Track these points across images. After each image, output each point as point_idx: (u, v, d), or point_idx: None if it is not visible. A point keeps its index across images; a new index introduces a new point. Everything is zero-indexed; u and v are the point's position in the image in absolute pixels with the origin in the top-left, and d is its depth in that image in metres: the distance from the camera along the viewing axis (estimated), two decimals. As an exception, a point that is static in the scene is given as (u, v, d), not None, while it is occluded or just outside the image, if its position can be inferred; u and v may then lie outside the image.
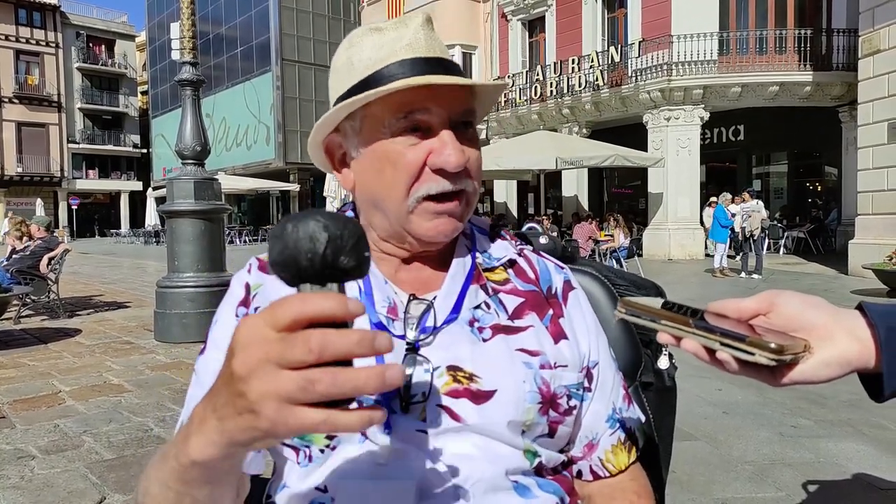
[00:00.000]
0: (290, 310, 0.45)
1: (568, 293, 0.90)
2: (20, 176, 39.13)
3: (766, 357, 0.57)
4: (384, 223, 0.82)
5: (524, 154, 14.61)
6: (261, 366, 0.45)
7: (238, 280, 0.85)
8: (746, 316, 0.64)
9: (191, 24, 6.47)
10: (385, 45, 0.80)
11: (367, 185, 0.82)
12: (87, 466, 3.10)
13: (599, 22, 18.50)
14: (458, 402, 0.76)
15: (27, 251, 8.07)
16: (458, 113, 0.79)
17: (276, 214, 35.87)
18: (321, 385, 0.44)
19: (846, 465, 3.12)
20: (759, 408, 4.04)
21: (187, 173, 6.36)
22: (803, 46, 15.26)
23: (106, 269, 16.21)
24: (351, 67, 0.81)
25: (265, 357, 0.45)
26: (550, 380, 0.81)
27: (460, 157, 0.77)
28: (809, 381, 0.61)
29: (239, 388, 0.46)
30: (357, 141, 0.81)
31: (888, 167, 11.37)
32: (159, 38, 39.49)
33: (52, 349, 5.96)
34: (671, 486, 2.86)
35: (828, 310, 0.63)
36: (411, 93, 0.75)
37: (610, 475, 0.87)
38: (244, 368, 0.46)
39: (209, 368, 0.78)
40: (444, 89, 0.76)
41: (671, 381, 1.08)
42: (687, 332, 0.61)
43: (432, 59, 0.79)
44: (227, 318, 0.82)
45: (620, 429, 0.88)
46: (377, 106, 0.77)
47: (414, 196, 0.78)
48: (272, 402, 0.45)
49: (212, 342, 0.81)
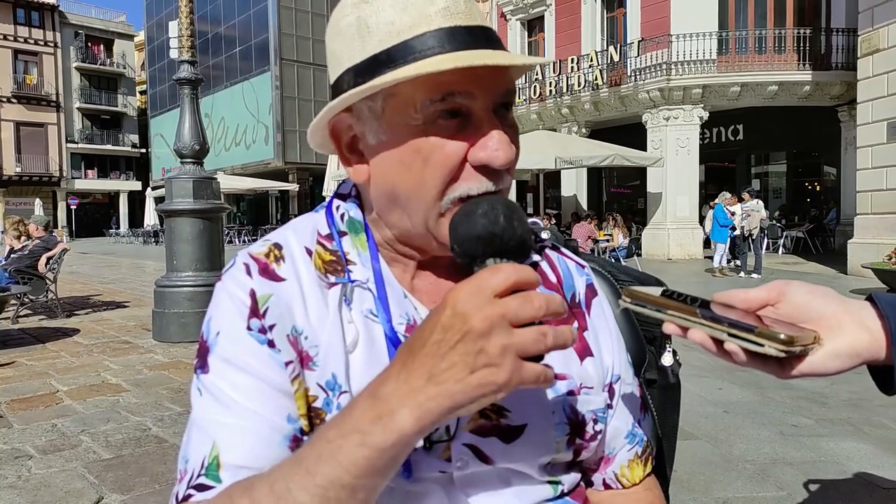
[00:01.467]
0: (509, 277, 0.50)
1: (591, 300, 0.83)
2: (19, 176, 39.10)
3: (775, 348, 0.55)
4: (404, 223, 0.70)
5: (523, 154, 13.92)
6: (500, 322, 0.49)
7: (237, 284, 0.69)
8: (754, 306, 0.63)
9: (189, 23, 6.46)
10: (412, 6, 0.65)
11: (389, 180, 0.68)
12: (85, 466, 3.09)
13: (598, 21, 18.52)
14: (486, 440, 0.69)
15: (25, 251, 8.05)
16: (501, 94, 0.67)
17: (275, 214, 35.88)
18: (549, 338, 0.50)
19: (847, 464, 3.11)
20: (760, 407, 4.03)
21: (186, 172, 6.35)
22: (802, 46, 15.28)
23: (104, 269, 16.20)
24: (366, 31, 0.66)
25: (502, 315, 0.49)
26: (578, 406, 0.75)
27: (509, 152, 0.65)
28: (819, 374, 0.60)
29: (479, 345, 0.49)
30: (377, 125, 0.67)
31: (887, 167, 11.37)
32: (158, 38, 39.47)
33: (50, 349, 5.95)
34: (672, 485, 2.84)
35: (837, 300, 0.62)
36: (452, 72, 0.61)
37: (623, 488, 0.82)
38: (485, 324, 0.49)
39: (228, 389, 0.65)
40: (491, 68, 0.63)
41: (675, 378, 1.06)
42: (694, 322, 0.59)
43: (475, 28, 0.65)
44: (235, 330, 0.67)
45: (638, 444, 0.83)
46: (407, 84, 0.63)
47: (449, 197, 0.66)
48: (512, 355, 0.49)
49: (220, 360, 0.66)
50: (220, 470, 0.62)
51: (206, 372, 0.67)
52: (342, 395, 0.66)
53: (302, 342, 0.67)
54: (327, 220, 0.76)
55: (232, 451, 0.62)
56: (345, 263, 0.72)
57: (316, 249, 0.72)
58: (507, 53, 0.65)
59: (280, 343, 0.66)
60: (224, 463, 0.62)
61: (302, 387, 0.66)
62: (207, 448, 0.63)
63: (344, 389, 0.67)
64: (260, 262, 0.70)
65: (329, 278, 0.71)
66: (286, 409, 0.65)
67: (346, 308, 0.69)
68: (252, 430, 0.63)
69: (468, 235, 0.57)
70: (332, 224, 0.75)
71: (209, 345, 0.68)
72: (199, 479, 0.62)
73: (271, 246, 0.72)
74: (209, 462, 0.62)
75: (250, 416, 0.63)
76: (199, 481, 0.62)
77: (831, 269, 12.52)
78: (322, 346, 0.67)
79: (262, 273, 0.69)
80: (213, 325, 0.69)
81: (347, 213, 0.76)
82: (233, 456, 0.62)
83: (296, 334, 0.67)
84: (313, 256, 0.72)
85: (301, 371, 0.67)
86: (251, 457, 0.62)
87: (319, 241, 0.73)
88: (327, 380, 0.67)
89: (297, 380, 0.66)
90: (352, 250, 0.73)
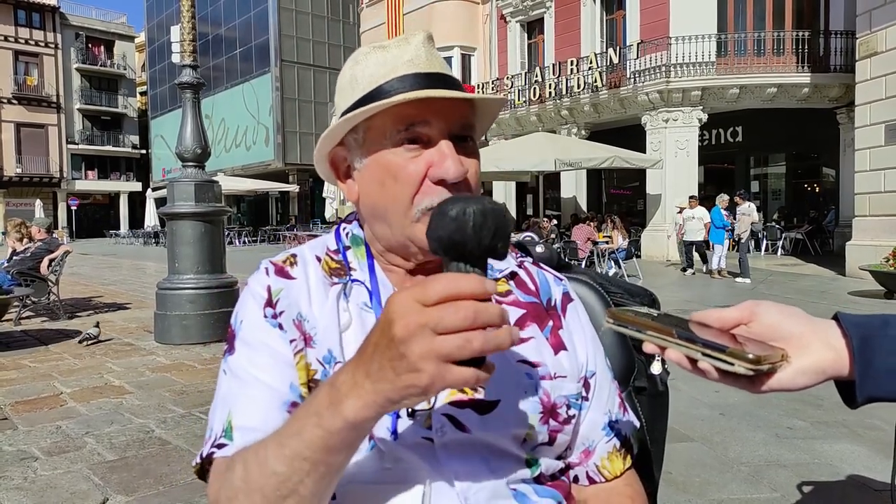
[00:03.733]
0: (442, 288, 0.53)
1: (567, 305, 0.93)
2: (19, 177, 39.11)
3: (744, 367, 0.60)
4: (387, 234, 0.84)
5: (523, 155, 14.62)
6: (420, 330, 0.53)
7: (257, 282, 0.86)
8: (728, 326, 0.67)
9: (191, 28, 6.50)
10: (388, 62, 0.83)
11: (370, 197, 0.84)
12: (90, 468, 3.13)
13: (598, 24, 18.54)
14: (462, 412, 0.79)
15: (27, 253, 8.09)
16: (457, 126, 0.82)
17: (275, 215, 35.91)
18: (476, 342, 0.52)
19: (841, 466, 3.15)
20: (755, 409, 4.07)
21: (187, 175, 6.39)
22: (801, 48, 15.31)
23: (106, 271, 16.22)
24: (355, 83, 0.85)
25: (424, 323, 0.52)
26: (551, 390, 0.84)
27: (459, 168, 0.79)
28: (786, 389, 0.64)
29: (400, 350, 0.53)
30: (360, 153, 0.84)
31: (885, 169, 11.40)
32: (158, 39, 39.53)
33: (53, 350, 5.99)
34: (667, 487, 2.89)
35: (804, 320, 0.66)
36: (412, 106, 0.78)
37: (605, 480, 0.90)
38: (405, 332, 0.53)
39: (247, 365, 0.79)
40: (445, 103, 0.80)
41: (664, 386, 1.11)
42: (670, 342, 0.64)
43: (432, 74, 0.82)
44: (254, 317, 0.82)
45: (616, 436, 0.91)
46: (380, 118, 0.80)
47: (417, 208, 0.80)
48: (432, 360, 0.53)
49: (241, 342, 0.82)
50: (233, 431, 0.76)
51: (232, 353, 0.82)
52: (337, 365, 0.80)
53: (305, 325, 0.82)
54: (336, 238, 0.92)
55: (243, 416, 0.76)
56: (347, 269, 0.87)
57: (324, 258, 0.89)
58: (447, 91, 0.79)
59: (287, 325, 0.82)
60: (236, 425, 0.76)
61: (303, 361, 0.81)
62: (225, 415, 0.77)
63: (338, 360, 0.80)
64: (277, 265, 0.88)
65: (333, 279, 0.86)
66: (289, 378, 0.79)
67: (343, 300, 0.84)
68: (259, 398, 0.77)
69: (434, 235, 0.58)
70: (339, 241, 0.92)
71: (235, 331, 0.84)
72: (219, 441, 0.76)
73: (289, 255, 0.90)
74: (225, 426, 0.76)
75: (260, 387, 0.78)
76: (219, 442, 0.76)
77: (830, 270, 12.54)
78: (320, 327, 0.82)
79: (277, 273, 0.86)
80: (238, 316, 0.85)
81: (351, 231, 0.92)
82: (243, 419, 0.76)
83: (300, 319, 0.82)
84: (321, 262, 0.88)
85: (304, 348, 0.81)
86: (258, 420, 0.75)
87: (328, 254, 0.90)
88: (324, 355, 0.81)
89: (299, 354, 0.81)
90: (353, 260, 0.89)
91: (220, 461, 0.74)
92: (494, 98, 0.86)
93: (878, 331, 0.63)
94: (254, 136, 33.34)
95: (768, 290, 10.09)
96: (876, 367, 0.62)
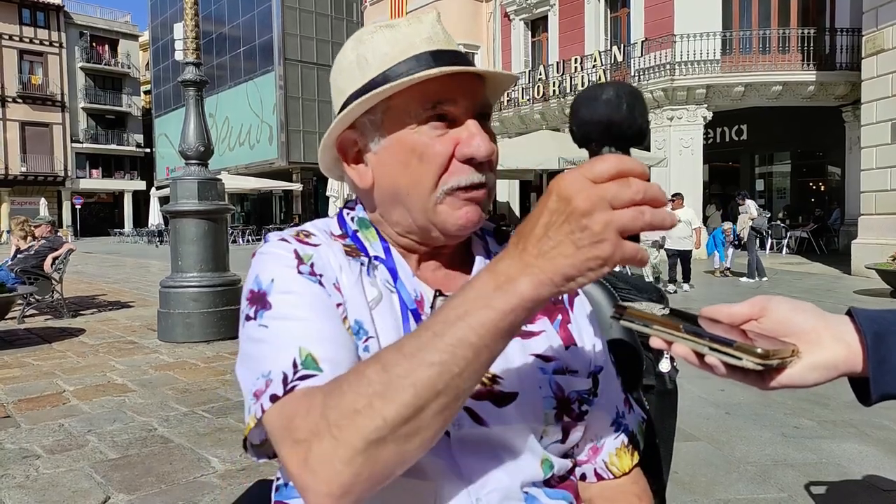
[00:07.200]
0: (612, 165, 0.54)
1: (574, 299, 0.92)
2: (24, 175, 39.25)
3: (752, 362, 0.58)
4: (405, 218, 0.81)
5: (527, 154, 14.60)
6: (600, 202, 0.53)
7: (279, 247, 0.80)
8: (738, 321, 0.65)
9: (194, 25, 6.49)
10: (401, 40, 0.80)
11: (390, 179, 0.80)
12: (92, 466, 3.12)
13: (602, 21, 18.50)
14: (480, 403, 0.77)
15: (31, 251, 8.11)
16: (479, 105, 0.80)
17: (279, 214, 35.93)
18: (647, 215, 0.53)
19: (848, 466, 3.12)
20: (762, 408, 4.04)
21: (191, 173, 6.38)
22: (806, 46, 15.24)
23: (109, 269, 16.26)
24: (364, 64, 0.80)
25: (602, 196, 0.53)
26: (564, 385, 0.83)
27: (489, 145, 0.78)
28: (797, 385, 0.62)
29: (583, 222, 0.53)
30: (377, 134, 0.80)
31: (891, 167, 11.35)
32: (162, 38, 39.55)
33: (56, 349, 5.99)
34: (673, 486, 2.87)
35: (817, 315, 0.64)
36: (438, 83, 0.76)
37: (613, 477, 0.89)
38: (588, 204, 0.53)
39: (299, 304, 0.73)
40: (466, 82, 0.78)
41: (672, 383, 1.09)
42: (677, 336, 0.62)
43: (452, 51, 0.80)
44: (290, 275, 0.76)
45: (623, 433, 0.90)
46: (401, 97, 0.77)
47: (442, 188, 0.78)
48: (613, 231, 0.53)
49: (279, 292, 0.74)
50: (318, 363, 0.68)
51: (269, 308, 0.73)
52: (369, 340, 0.76)
53: (344, 291, 0.78)
54: (339, 223, 0.88)
55: (322, 349, 0.69)
56: (363, 250, 0.84)
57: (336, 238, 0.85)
58: (485, 68, 0.79)
59: (329, 289, 0.76)
60: (320, 357, 0.68)
61: (346, 323, 0.76)
62: (292, 354, 0.68)
63: (371, 335, 0.76)
64: (295, 236, 0.82)
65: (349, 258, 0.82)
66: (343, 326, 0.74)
67: (367, 276, 0.81)
68: (330, 334, 0.71)
69: (588, 120, 0.59)
70: (345, 225, 0.88)
71: (265, 290, 0.75)
72: (300, 373, 0.67)
73: (298, 230, 0.84)
74: (302, 361, 0.68)
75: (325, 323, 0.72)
76: (301, 374, 0.67)
77: (835, 269, 12.49)
78: (347, 299, 0.77)
79: (299, 241, 0.81)
80: (263, 277, 0.76)
81: (356, 216, 0.89)
82: (325, 352, 0.69)
83: (339, 284, 0.78)
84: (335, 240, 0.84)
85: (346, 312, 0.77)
86: (339, 356, 0.69)
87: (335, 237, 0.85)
88: (351, 326, 0.76)
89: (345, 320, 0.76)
90: (365, 241, 0.85)
91: (312, 389, 0.65)
92: (508, 74, 0.85)
93: (893, 326, 0.61)
94: (257, 134, 33.35)
95: (773, 288, 10.04)
96: (891, 364, 0.60)
